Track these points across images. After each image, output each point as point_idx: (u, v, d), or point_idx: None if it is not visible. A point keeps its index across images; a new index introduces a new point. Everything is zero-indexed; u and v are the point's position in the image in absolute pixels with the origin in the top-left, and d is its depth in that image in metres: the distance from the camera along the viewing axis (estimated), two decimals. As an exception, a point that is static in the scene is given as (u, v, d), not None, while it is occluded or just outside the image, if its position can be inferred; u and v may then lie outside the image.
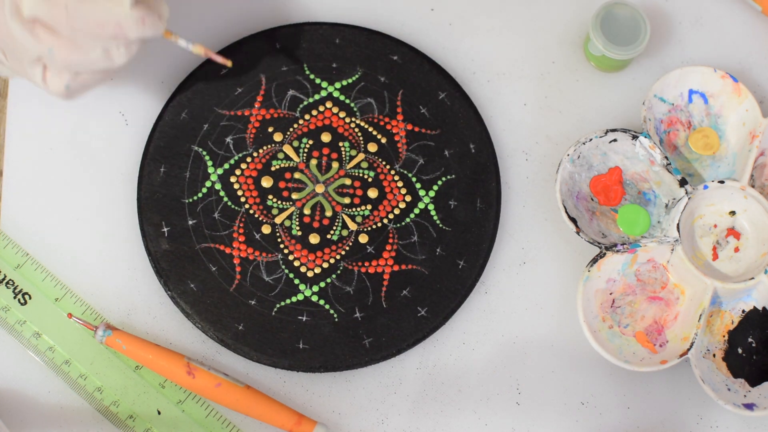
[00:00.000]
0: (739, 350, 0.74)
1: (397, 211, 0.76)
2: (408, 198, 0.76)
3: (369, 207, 0.76)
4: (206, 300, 0.73)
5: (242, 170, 0.76)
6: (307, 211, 0.75)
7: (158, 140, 0.76)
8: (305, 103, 0.78)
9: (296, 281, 0.74)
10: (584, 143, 0.75)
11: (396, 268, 0.75)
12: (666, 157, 0.75)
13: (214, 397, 0.71)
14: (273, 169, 0.76)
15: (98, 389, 0.72)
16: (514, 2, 0.82)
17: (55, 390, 0.72)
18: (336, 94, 0.78)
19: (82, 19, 0.64)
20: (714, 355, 0.74)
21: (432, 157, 0.77)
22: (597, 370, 0.75)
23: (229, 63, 0.73)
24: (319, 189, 0.76)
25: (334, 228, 0.75)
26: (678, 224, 0.74)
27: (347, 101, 0.78)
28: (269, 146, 0.77)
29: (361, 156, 0.77)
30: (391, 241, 0.75)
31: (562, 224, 0.77)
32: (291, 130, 0.77)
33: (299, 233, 0.75)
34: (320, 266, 0.74)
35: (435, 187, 0.76)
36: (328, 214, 0.75)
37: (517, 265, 0.76)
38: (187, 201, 0.75)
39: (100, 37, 0.65)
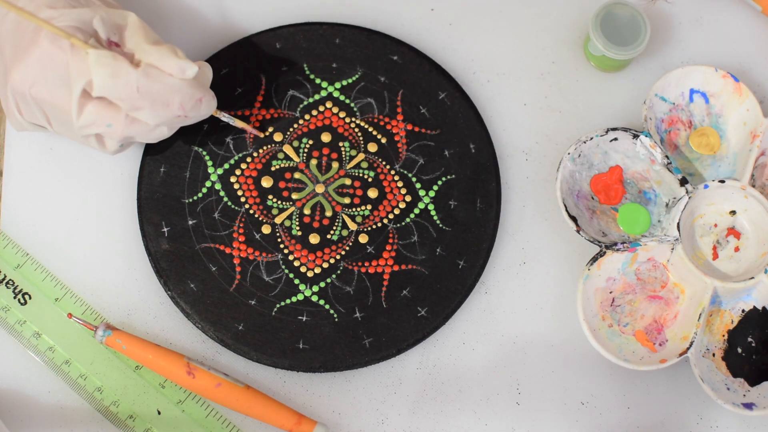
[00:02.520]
0: (739, 350, 0.74)
1: (397, 211, 0.76)
2: (408, 198, 0.76)
3: (369, 207, 0.76)
4: (206, 300, 0.73)
5: (242, 170, 0.76)
6: (307, 211, 0.75)
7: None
8: (305, 103, 0.78)
9: (296, 281, 0.74)
10: (585, 142, 0.75)
11: (396, 268, 0.75)
12: (667, 156, 0.75)
13: (214, 397, 0.71)
14: (273, 169, 0.76)
15: (98, 389, 0.72)
16: (514, 2, 0.82)
17: (55, 390, 0.72)
18: (336, 94, 0.78)
19: (149, 98, 0.67)
20: (714, 355, 0.74)
21: (432, 157, 0.77)
22: (597, 370, 0.75)
23: (262, 135, 0.76)
24: (319, 189, 0.76)
25: (334, 228, 0.75)
26: (678, 223, 0.74)
27: (347, 101, 0.78)
28: (269, 146, 0.77)
29: (361, 156, 0.77)
30: (391, 241, 0.75)
31: (562, 224, 0.77)
32: (291, 130, 0.77)
33: (299, 233, 0.75)
34: (320, 266, 0.74)
35: (435, 187, 0.76)
36: (328, 214, 0.75)
37: (517, 265, 0.76)
38: (187, 201, 0.75)
39: (163, 116, 0.68)
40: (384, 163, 0.77)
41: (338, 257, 0.75)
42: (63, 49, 0.65)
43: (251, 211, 0.75)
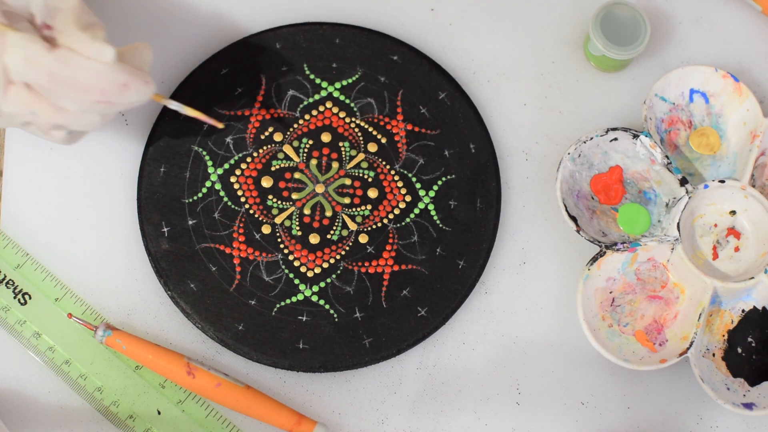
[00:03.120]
0: (739, 350, 0.74)
1: (397, 211, 0.76)
2: (408, 198, 0.76)
3: (369, 207, 0.76)
4: (206, 300, 0.73)
5: (242, 170, 0.76)
6: (307, 211, 0.75)
7: (158, 140, 0.76)
8: (305, 103, 0.78)
9: (296, 281, 0.74)
10: (585, 142, 0.75)
11: (396, 268, 0.75)
12: (667, 156, 0.75)
13: (214, 397, 0.71)
14: (273, 169, 0.76)
15: (98, 389, 0.72)
16: (514, 2, 0.82)
17: (55, 390, 0.72)
18: (336, 94, 0.78)
19: (64, 84, 0.63)
20: (713, 355, 0.74)
21: (432, 157, 0.77)
22: (597, 370, 0.75)
23: (220, 125, 0.73)
24: (319, 189, 0.76)
25: (334, 228, 0.75)
26: (678, 223, 0.74)
27: (347, 101, 0.78)
28: (269, 146, 0.77)
29: (361, 156, 0.77)
30: (391, 241, 0.75)
31: (562, 224, 0.77)
32: (291, 130, 0.77)
33: (299, 233, 0.75)
34: (320, 266, 0.74)
35: (435, 187, 0.76)
36: (328, 214, 0.75)
37: (517, 265, 0.76)
38: (187, 201, 0.75)
39: (84, 102, 0.65)
40: (384, 163, 0.77)
41: (338, 257, 0.75)
42: None
43: (251, 211, 0.75)
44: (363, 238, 0.75)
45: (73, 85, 0.64)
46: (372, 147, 0.77)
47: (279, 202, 0.76)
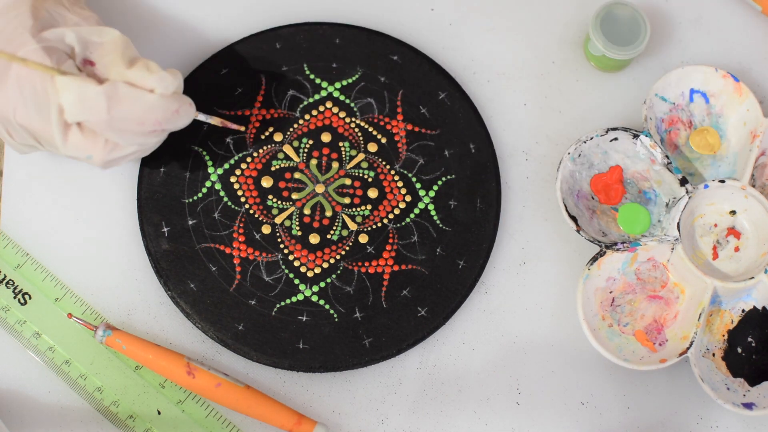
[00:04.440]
0: (739, 350, 0.74)
1: (397, 211, 0.76)
2: (408, 198, 0.76)
3: (369, 207, 0.76)
4: (206, 300, 0.73)
5: (242, 170, 0.76)
6: (307, 211, 0.75)
7: (158, 140, 0.76)
8: (305, 103, 0.78)
9: (296, 281, 0.74)
10: (585, 142, 0.75)
11: (396, 268, 0.75)
12: (667, 156, 0.75)
13: (214, 397, 0.71)
14: (273, 169, 0.76)
15: (98, 389, 0.72)
16: (514, 2, 0.82)
17: (55, 390, 0.72)
18: (336, 94, 0.78)
19: (122, 120, 0.65)
20: (713, 355, 0.74)
21: (432, 157, 0.77)
22: (597, 370, 0.75)
23: (242, 128, 0.76)
24: (319, 189, 0.76)
25: (334, 228, 0.75)
26: (678, 223, 0.74)
27: (347, 101, 0.78)
28: (269, 146, 0.77)
29: (361, 156, 0.77)
30: (391, 241, 0.75)
31: (562, 224, 0.77)
32: (291, 130, 0.77)
33: (299, 233, 0.75)
34: (320, 266, 0.74)
35: (435, 187, 0.76)
36: (328, 214, 0.75)
37: (517, 265, 0.76)
38: (187, 201, 0.75)
39: (140, 135, 0.67)
40: (384, 163, 0.77)
41: (338, 257, 0.75)
42: (34, 74, 0.64)
43: (251, 211, 0.75)
44: (363, 238, 0.75)
45: (129, 119, 0.65)
46: (372, 147, 0.77)
47: (279, 202, 0.76)
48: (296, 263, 0.74)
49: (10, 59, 0.63)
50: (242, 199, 0.75)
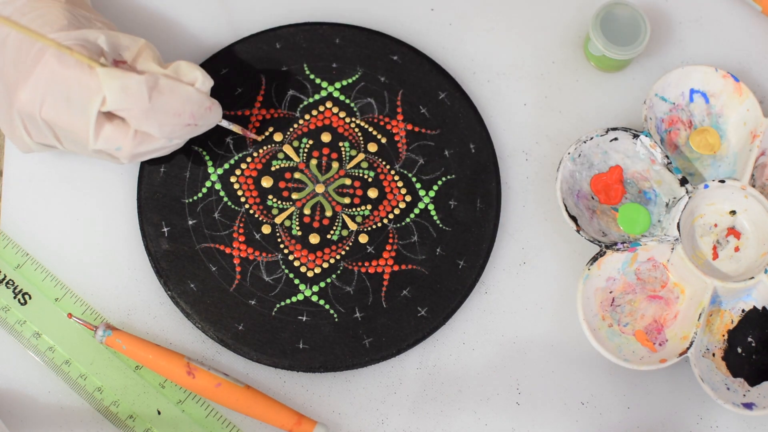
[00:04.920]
0: (739, 350, 0.74)
1: (397, 211, 0.76)
2: (408, 198, 0.76)
3: (369, 207, 0.76)
4: (206, 300, 0.73)
5: (242, 170, 0.76)
6: (307, 211, 0.75)
7: (158, 140, 0.76)
8: (305, 103, 0.78)
9: (296, 281, 0.74)
10: (585, 142, 0.75)
11: (396, 268, 0.75)
12: (667, 156, 0.75)
13: (214, 397, 0.71)
14: (273, 169, 0.76)
15: (98, 389, 0.72)
16: (514, 2, 0.82)
17: (55, 390, 0.72)
18: (336, 94, 0.78)
19: (161, 110, 0.67)
20: (713, 355, 0.74)
21: (432, 157, 0.77)
22: (597, 370, 0.75)
23: (260, 138, 0.76)
24: (319, 189, 0.76)
25: (334, 228, 0.75)
26: (678, 223, 0.74)
27: (347, 101, 0.78)
28: (269, 146, 0.77)
29: (361, 156, 0.77)
30: (391, 241, 0.75)
31: (562, 224, 0.77)
32: (291, 130, 0.77)
33: (299, 233, 0.75)
34: (320, 266, 0.74)
35: (435, 187, 0.76)
36: (328, 214, 0.75)
37: (517, 265, 0.76)
38: (187, 201, 0.75)
39: (174, 126, 0.68)
40: (384, 163, 0.77)
41: (338, 257, 0.75)
42: (69, 67, 0.64)
43: (251, 211, 0.75)
44: (363, 238, 0.75)
45: (168, 110, 0.67)
46: (372, 147, 0.77)
47: (279, 202, 0.76)
48: (296, 263, 0.74)
49: (56, 47, 0.64)
50: (242, 199, 0.75)
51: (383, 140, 0.77)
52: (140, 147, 0.68)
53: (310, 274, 0.74)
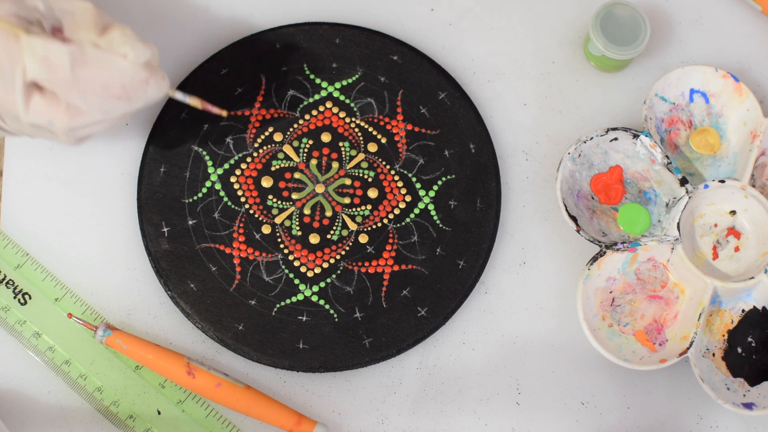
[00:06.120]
0: (739, 350, 0.74)
1: (397, 211, 0.76)
2: (408, 198, 0.76)
3: (369, 207, 0.76)
4: (206, 300, 0.73)
5: (242, 170, 0.76)
6: (307, 211, 0.75)
7: (158, 140, 0.76)
8: (305, 103, 0.78)
9: (296, 281, 0.74)
10: (585, 142, 0.75)
11: (396, 268, 0.75)
12: (667, 156, 0.75)
13: (214, 397, 0.71)
14: (273, 169, 0.76)
15: (98, 389, 0.72)
16: (514, 2, 0.82)
17: (55, 390, 0.72)
18: (336, 94, 0.78)
19: (86, 82, 0.63)
20: (713, 355, 0.74)
21: (432, 157, 0.77)
22: (597, 370, 0.75)
23: (224, 113, 0.74)
24: (319, 189, 0.76)
25: (334, 228, 0.75)
26: (678, 223, 0.74)
27: (347, 101, 0.78)
28: (269, 146, 0.77)
29: (361, 156, 0.77)
30: (391, 241, 0.75)
31: (562, 224, 0.77)
32: (291, 130, 0.77)
33: (299, 233, 0.75)
34: (320, 266, 0.74)
35: (435, 187, 0.76)
36: (328, 214, 0.75)
37: (517, 265, 0.76)
38: (187, 201, 0.75)
39: (104, 100, 0.65)
40: (384, 163, 0.77)
41: (338, 257, 0.75)
42: (1, 34, 0.62)
43: (251, 211, 0.75)
44: (363, 238, 0.75)
45: (94, 82, 0.64)
46: (372, 147, 0.77)
47: (279, 202, 0.76)
48: (296, 263, 0.74)
49: None
50: (242, 199, 0.75)
51: (383, 140, 0.77)
52: (74, 121, 0.65)
53: (310, 274, 0.74)
